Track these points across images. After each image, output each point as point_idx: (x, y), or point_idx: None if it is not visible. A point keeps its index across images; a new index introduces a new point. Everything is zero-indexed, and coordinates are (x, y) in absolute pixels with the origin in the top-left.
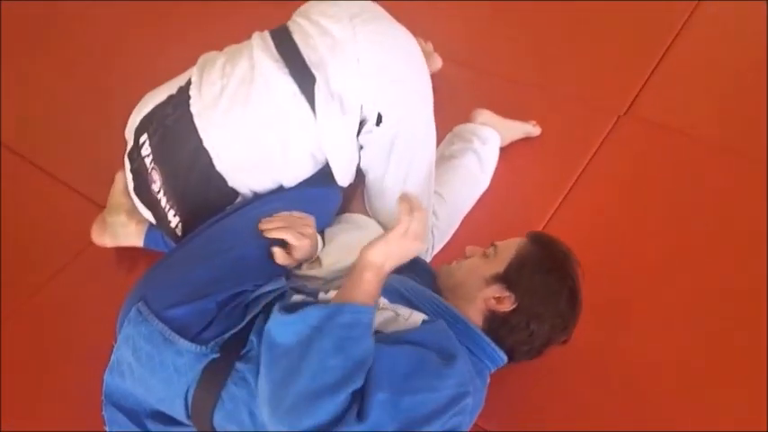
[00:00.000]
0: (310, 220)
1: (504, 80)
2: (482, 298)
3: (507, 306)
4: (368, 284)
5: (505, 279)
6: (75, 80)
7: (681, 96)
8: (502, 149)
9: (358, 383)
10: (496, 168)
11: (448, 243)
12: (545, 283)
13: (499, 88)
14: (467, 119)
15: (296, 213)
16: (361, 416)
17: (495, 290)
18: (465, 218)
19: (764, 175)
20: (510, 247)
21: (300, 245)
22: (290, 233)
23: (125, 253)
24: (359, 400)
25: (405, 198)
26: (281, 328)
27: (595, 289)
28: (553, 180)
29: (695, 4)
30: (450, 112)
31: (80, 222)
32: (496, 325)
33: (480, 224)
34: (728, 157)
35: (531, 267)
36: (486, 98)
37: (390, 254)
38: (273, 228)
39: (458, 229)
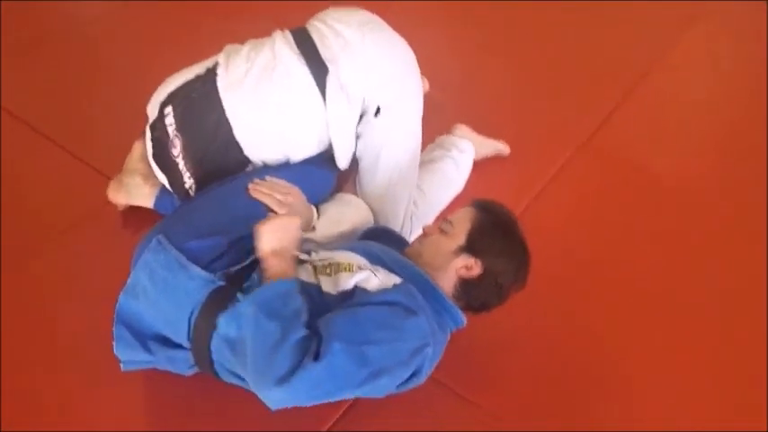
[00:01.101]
0: (294, 190)
1: (482, 106)
2: (453, 268)
3: (476, 271)
4: (274, 267)
5: (470, 248)
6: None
7: (639, 133)
8: (475, 161)
9: (299, 332)
10: (469, 176)
11: None
12: (503, 245)
13: (477, 112)
14: (448, 132)
15: (283, 183)
16: (316, 357)
17: (463, 259)
18: (440, 215)
19: (717, 212)
20: (463, 220)
21: (280, 211)
22: (270, 199)
23: (134, 217)
24: (315, 348)
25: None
26: (229, 326)
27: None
28: (515, 195)
29: (667, 40)
30: (434, 127)
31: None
32: (469, 288)
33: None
34: (682, 195)
35: (488, 234)
36: (465, 118)
37: (275, 238)
38: (258, 191)
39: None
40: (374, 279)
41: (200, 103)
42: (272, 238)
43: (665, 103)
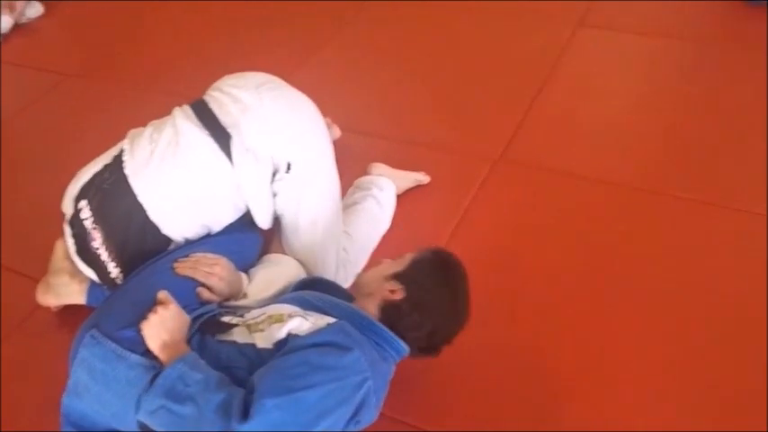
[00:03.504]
0: (221, 260)
1: (395, 141)
2: (379, 291)
3: (398, 296)
4: (167, 358)
5: (400, 275)
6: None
7: (552, 138)
8: (398, 196)
9: (213, 400)
10: (395, 211)
11: None
12: (429, 278)
13: (392, 147)
14: (365, 173)
15: (208, 255)
16: (244, 418)
17: (391, 284)
18: (372, 254)
19: (640, 200)
20: (413, 255)
21: (209, 282)
22: (197, 273)
23: (67, 315)
24: (240, 406)
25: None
26: (149, 419)
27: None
28: (442, 219)
29: (562, 45)
30: (352, 170)
31: (24, 294)
32: (389, 312)
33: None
34: (605, 188)
35: (422, 266)
36: (381, 156)
37: (157, 334)
38: (183, 267)
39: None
40: (305, 323)
41: (112, 193)
42: (155, 336)
43: (571, 102)
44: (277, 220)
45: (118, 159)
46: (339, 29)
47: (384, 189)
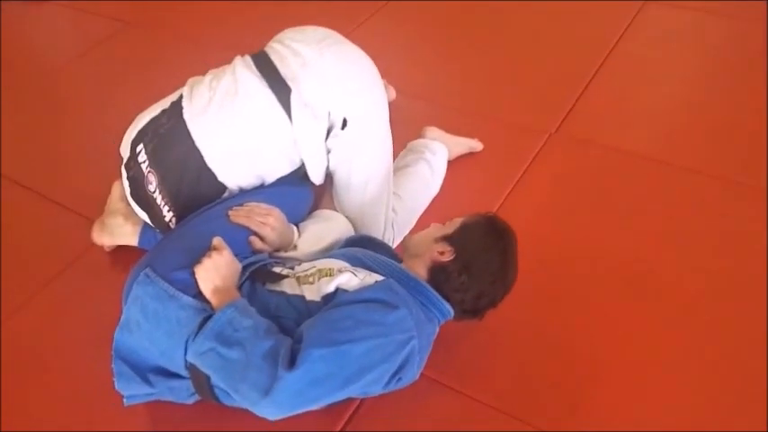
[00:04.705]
0: (274, 211)
1: (449, 107)
2: (429, 253)
3: (447, 257)
4: (219, 304)
5: (450, 237)
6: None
7: (609, 114)
8: (450, 162)
9: (262, 346)
10: (445, 177)
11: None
12: (479, 242)
13: (447, 115)
14: (419, 137)
15: (262, 205)
16: (291, 366)
17: (440, 246)
18: (419, 218)
19: (695, 182)
20: (463, 219)
21: (262, 232)
22: (251, 222)
23: (121, 256)
24: (288, 355)
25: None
26: (199, 360)
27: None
28: (493, 188)
29: (624, 26)
30: (405, 133)
31: (77, 232)
32: (437, 273)
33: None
34: (659, 168)
35: (472, 229)
36: (435, 122)
37: (209, 278)
38: (237, 216)
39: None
40: (354, 279)
41: (170, 137)
42: (208, 280)
43: (631, 79)
44: (329, 177)
45: (176, 105)
46: None
47: (437, 153)
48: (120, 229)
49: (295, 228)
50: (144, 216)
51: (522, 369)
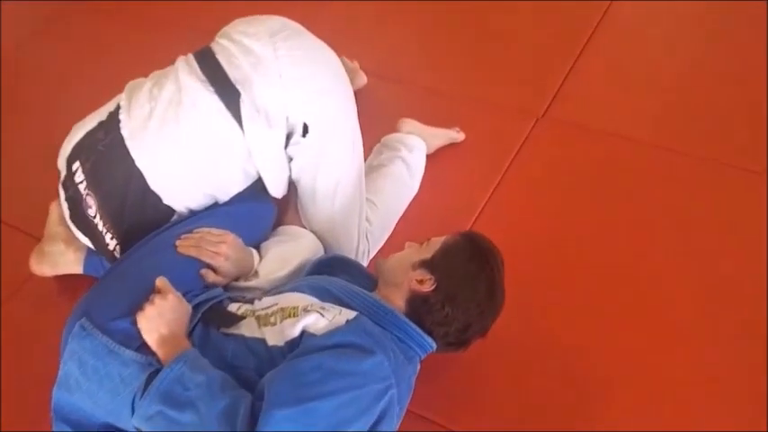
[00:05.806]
0: (228, 236)
1: (427, 91)
2: (407, 281)
3: (427, 287)
4: (167, 356)
5: (429, 263)
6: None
7: (595, 97)
8: (429, 156)
9: (215, 406)
10: (425, 173)
11: (384, 246)
12: (463, 268)
13: (423, 99)
14: (394, 129)
15: (213, 231)
16: (252, 426)
17: (419, 273)
18: (398, 221)
19: (685, 165)
20: (441, 240)
21: (215, 263)
22: (201, 252)
23: (66, 282)
24: (247, 411)
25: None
26: (146, 425)
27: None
28: (478, 182)
29: (607, 4)
30: (378, 125)
31: (20, 255)
32: (417, 305)
33: (411, 227)
34: (647, 150)
35: (453, 253)
36: (411, 109)
37: (154, 327)
38: (186, 246)
39: (392, 232)
40: (322, 320)
41: (108, 155)
42: (152, 329)
43: (618, 58)
44: (293, 186)
45: (114, 117)
46: None
47: (414, 150)
48: (61, 257)
49: (255, 252)
50: (86, 241)
51: (511, 397)
